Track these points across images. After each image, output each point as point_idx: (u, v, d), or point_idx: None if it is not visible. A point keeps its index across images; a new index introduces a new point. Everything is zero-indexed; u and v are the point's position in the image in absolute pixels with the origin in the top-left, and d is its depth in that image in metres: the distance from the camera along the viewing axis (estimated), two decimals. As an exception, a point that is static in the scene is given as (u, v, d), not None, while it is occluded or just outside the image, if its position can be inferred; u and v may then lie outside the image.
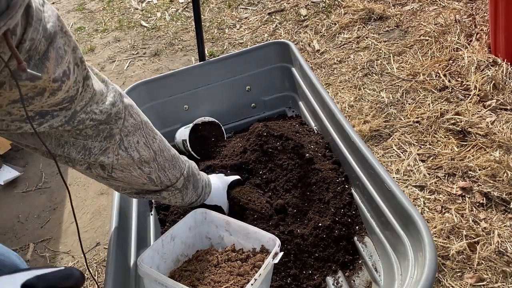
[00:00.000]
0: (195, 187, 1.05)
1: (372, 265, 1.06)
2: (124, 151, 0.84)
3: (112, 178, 0.87)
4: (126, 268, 1.06)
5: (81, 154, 0.79)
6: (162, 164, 0.93)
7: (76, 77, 0.69)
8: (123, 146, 0.83)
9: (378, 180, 1.05)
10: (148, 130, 0.89)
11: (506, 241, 1.45)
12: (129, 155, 0.85)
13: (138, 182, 0.91)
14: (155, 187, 0.95)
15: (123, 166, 0.86)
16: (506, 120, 1.86)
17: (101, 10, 3.84)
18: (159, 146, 0.92)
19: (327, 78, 2.40)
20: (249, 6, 3.33)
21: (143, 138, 0.87)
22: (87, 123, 0.75)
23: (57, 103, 0.68)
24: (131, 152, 0.85)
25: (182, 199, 1.03)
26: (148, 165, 0.89)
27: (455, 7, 2.61)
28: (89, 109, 0.75)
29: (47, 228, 1.95)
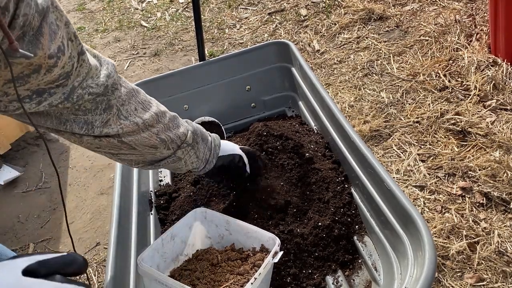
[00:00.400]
0: (204, 140, 1.04)
1: (371, 264, 1.06)
2: (125, 119, 0.84)
3: (124, 145, 0.87)
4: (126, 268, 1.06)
5: (84, 129, 0.79)
6: (166, 124, 0.93)
7: (71, 52, 0.68)
8: (123, 115, 0.84)
9: (378, 179, 1.05)
10: (140, 96, 0.90)
11: (506, 241, 1.45)
12: (132, 122, 0.85)
13: (150, 144, 0.91)
14: (167, 150, 0.95)
15: (130, 132, 0.86)
16: (506, 120, 1.86)
17: (101, 10, 3.84)
18: (158, 108, 0.93)
19: (327, 78, 2.40)
20: (249, 6, 3.33)
21: (139, 104, 0.88)
22: (85, 97, 0.75)
23: (53, 80, 0.68)
24: (133, 119, 0.85)
25: (197, 157, 1.02)
26: (154, 127, 0.90)
27: (455, 7, 2.61)
28: (85, 84, 0.75)
29: (47, 228, 1.95)
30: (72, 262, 0.56)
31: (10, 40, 0.54)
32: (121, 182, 1.25)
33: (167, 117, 0.95)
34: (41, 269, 0.54)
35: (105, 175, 2.17)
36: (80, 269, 0.57)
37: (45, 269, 0.54)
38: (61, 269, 0.55)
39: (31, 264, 0.53)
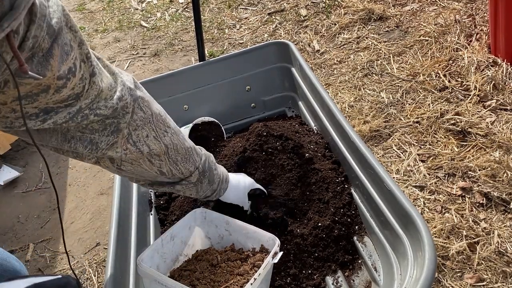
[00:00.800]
0: (211, 182, 1.02)
1: (371, 264, 1.06)
2: (133, 145, 0.82)
3: (122, 170, 0.87)
4: (126, 268, 1.06)
5: (88, 149, 0.78)
6: (173, 158, 0.91)
7: (83, 74, 0.67)
8: (131, 140, 0.82)
9: (377, 180, 1.05)
10: (159, 123, 0.87)
11: (506, 241, 1.45)
12: (138, 149, 0.83)
13: (149, 175, 0.90)
14: (168, 179, 0.94)
15: (132, 159, 0.84)
16: (506, 120, 1.86)
17: (101, 10, 3.84)
18: (171, 139, 0.90)
19: (327, 78, 2.40)
20: (249, 6, 3.33)
21: (153, 132, 0.85)
22: (91, 118, 0.74)
23: (62, 100, 0.67)
24: (140, 146, 0.83)
25: (197, 192, 1.01)
26: (159, 158, 0.88)
27: (455, 7, 2.61)
28: (95, 105, 0.74)
29: (47, 228, 1.95)
30: (66, 285, 0.59)
31: (20, 63, 0.53)
32: (121, 183, 1.25)
33: (176, 151, 0.91)
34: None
35: (105, 175, 2.16)
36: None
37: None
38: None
39: (28, 286, 0.56)
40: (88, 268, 1.72)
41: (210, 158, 1.03)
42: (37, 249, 1.86)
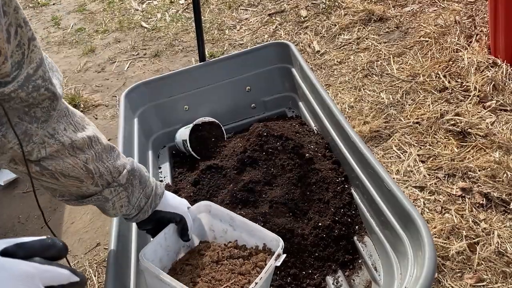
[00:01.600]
0: (143, 184, 0.92)
1: (371, 264, 1.06)
2: (51, 137, 0.75)
3: (45, 171, 0.78)
4: (126, 268, 1.06)
5: (17, 141, 0.69)
6: (99, 153, 0.84)
7: (20, 39, 0.63)
8: (48, 133, 0.75)
9: (378, 180, 1.05)
10: (76, 119, 0.81)
11: (506, 241, 1.45)
12: (58, 141, 0.76)
13: (74, 174, 0.81)
14: (95, 187, 0.85)
15: (53, 154, 0.77)
16: (506, 121, 1.87)
17: (101, 11, 3.84)
18: (94, 133, 0.83)
19: (327, 79, 2.41)
20: (249, 7, 3.33)
21: (71, 125, 0.79)
22: (41, 92, 0.68)
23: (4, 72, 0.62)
24: (60, 138, 0.76)
25: (128, 200, 0.90)
26: (83, 152, 0.80)
27: (455, 8, 2.61)
28: (47, 75, 0.68)
29: (47, 229, 1.95)
30: (51, 246, 0.54)
31: None
32: (122, 183, 1.25)
33: (101, 145, 0.84)
34: (19, 251, 0.51)
35: (105, 175, 2.17)
36: (59, 253, 0.54)
37: (23, 251, 0.52)
38: (40, 253, 0.53)
39: (9, 246, 0.51)
40: (88, 268, 1.72)
41: (137, 163, 0.95)
42: (38, 250, 1.86)
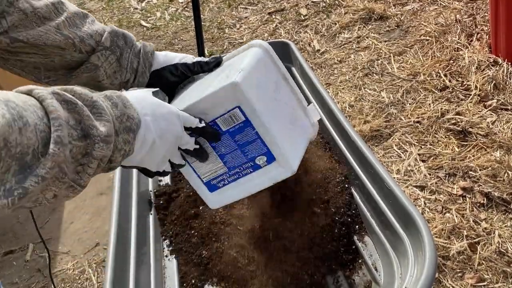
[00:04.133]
0: (129, 44, 0.87)
1: (372, 264, 1.06)
2: (10, 6, 0.72)
3: (18, 43, 0.73)
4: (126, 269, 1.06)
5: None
6: (71, 19, 0.80)
7: None
8: (7, 1, 0.72)
9: (378, 179, 1.05)
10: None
11: (506, 241, 1.44)
12: (18, 9, 0.72)
13: (51, 42, 0.76)
14: (79, 53, 0.79)
15: (19, 25, 0.73)
16: (506, 120, 1.86)
17: (100, 10, 3.84)
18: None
19: (328, 78, 2.40)
20: (249, 5, 3.33)
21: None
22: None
23: None
24: (19, 5, 0.73)
25: (119, 64, 0.84)
26: (51, 20, 0.76)
27: (456, 7, 2.61)
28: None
29: (46, 228, 1.95)
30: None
31: None
32: (121, 182, 1.24)
33: (70, 10, 0.79)
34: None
35: (104, 175, 2.16)
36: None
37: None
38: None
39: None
40: (87, 268, 1.72)
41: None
42: (37, 249, 1.86)
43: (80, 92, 0.55)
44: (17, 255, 1.84)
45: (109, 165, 0.58)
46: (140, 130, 0.61)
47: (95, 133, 0.52)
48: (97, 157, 0.53)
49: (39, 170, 0.46)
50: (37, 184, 0.46)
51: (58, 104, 0.50)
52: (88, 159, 0.52)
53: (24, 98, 0.48)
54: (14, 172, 0.45)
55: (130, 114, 0.60)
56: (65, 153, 0.48)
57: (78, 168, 0.52)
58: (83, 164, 0.52)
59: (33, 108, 0.48)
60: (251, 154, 0.78)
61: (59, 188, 0.50)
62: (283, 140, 0.77)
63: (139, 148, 0.62)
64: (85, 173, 0.53)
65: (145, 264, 1.10)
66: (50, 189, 0.49)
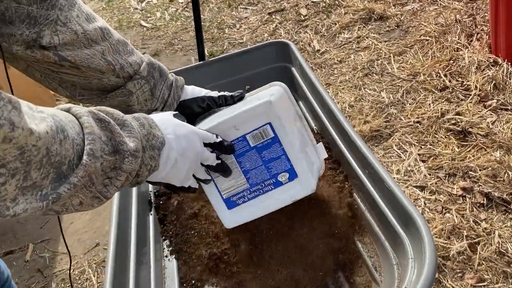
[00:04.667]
0: (163, 77, 0.92)
1: (372, 264, 1.06)
2: (63, 26, 0.75)
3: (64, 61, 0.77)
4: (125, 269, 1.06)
5: (25, 24, 0.71)
6: (114, 45, 0.83)
7: None
8: (60, 21, 0.76)
9: (378, 179, 1.05)
10: (86, 8, 0.82)
11: (506, 241, 1.44)
12: (70, 30, 0.76)
13: (94, 65, 0.79)
14: (117, 78, 0.84)
15: (68, 44, 0.77)
16: (506, 120, 1.86)
17: (100, 10, 3.84)
18: (105, 25, 0.84)
19: (327, 78, 2.40)
20: (249, 6, 3.33)
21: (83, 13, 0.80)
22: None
23: None
24: (72, 26, 0.76)
25: (152, 93, 0.89)
26: (98, 44, 0.81)
27: (456, 7, 2.61)
28: None
29: (46, 229, 1.95)
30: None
31: None
32: (121, 182, 1.24)
33: (114, 37, 0.84)
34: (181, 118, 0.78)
35: (104, 175, 2.16)
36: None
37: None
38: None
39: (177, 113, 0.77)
40: (87, 269, 1.72)
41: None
42: (37, 250, 1.86)
43: (113, 112, 0.62)
44: (17, 255, 1.84)
45: (137, 179, 0.65)
46: (164, 148, 0.68)
47: (125, 148, 0.59)
48: (126, 170, 0.59)
49: (72, 178, 0.52)
50: (69, 191, 0.51)
51: (93, 121, 0.56)
52: (117, 172, 0.58)
53: (65, 114, 0.54)
54: (52, 179, 0.50)
55: (156, 134, 0.67)
56: (95, 165, 0.54)
57: (106, 181, 0.58)
58: (111, 177, 0.58)
59: (72, 124, 0.54)
60: (274, 171, 0.84)
61: (85, 196, 0.56)
62: (303, 159, 0.83)
63: (163, 164, 0.68)
64: (112, 185, 0.59)
65: (145, 264, 1.11)
66: (77, 195, 0.55)
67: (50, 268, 1.77)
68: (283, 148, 0.81)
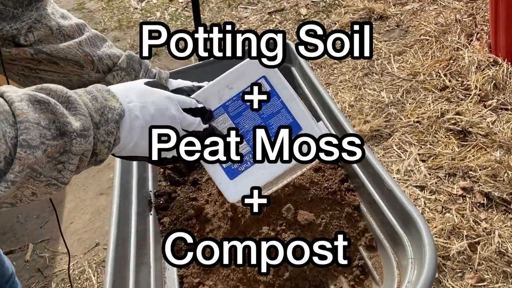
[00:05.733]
0: (144, 68, 0.92)
1: (372, 264, 1.05)
2: (37, 22, 0.78)
3: (40, 54, 0.78)
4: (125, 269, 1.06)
5: (10, 26, 0.73)
6: (92, 38, 0.84)
7: None
8: (36, 19, 0.78)
9: (378, 179, 1.05)
10: (62, 11, 0.85)
11: (506, 241, 1.44)
12: (45, 26, 0.79)
13: (72, 58, 0.81)
14: (96, 73, 0.84)
15: (44, 39, 0.78)
16: (506, 120, 1.86)
17: (100, 10, 3.83)
18: (82, 22, 0.86)
19: (327, 78, 2.40)
20: (249, 5, 3.32)
21: (58, 11, 0.83)
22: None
23: None
24: (47, 22, 0.79)
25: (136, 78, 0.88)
26: (74, 38, 0.81)
27: (456, 7, 2.61)
28: None
29: (46, 228, 1.95)
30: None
31: None
32: (120, 182, 1.24)
33: (92, 32, 0.84)
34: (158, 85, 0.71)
35: (104, 175, 2.16)
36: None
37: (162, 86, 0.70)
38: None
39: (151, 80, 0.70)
40: (87, 269, 1.72)
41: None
42: (37, 249, 1.86)
43: (56, 89, 0.55)
44: (17, 255, 1.84)
45: (96, 158, 0.59)
46: (124, 119, 0.61)
47: (70, 129, 0.52)
48: (77, 153, 0.53)
49: (8, 175, 0.47)
50: (8, 189, 0.47)
51: (28, 105, 0.50)
52: (68, 155, 0.53)
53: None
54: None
55: (112, 105, 0.60)
56: (35, 155, 0.49)
57: (59, 166, 0.52)
58: (63, 161, 0.53)
59: (4, 115, 0.48)
60: (276, 127, 0.75)
61: (36, 186, 0.51)
62: (305, 110, 0.75)
63: (126, 136, 0.62)
64: (66, 170, 0.53)
65: (145, 264, 1.10)
66: (26, 187, 0.50)
67: (50, 268, 1.77)
68: (282, 100, 0.73)
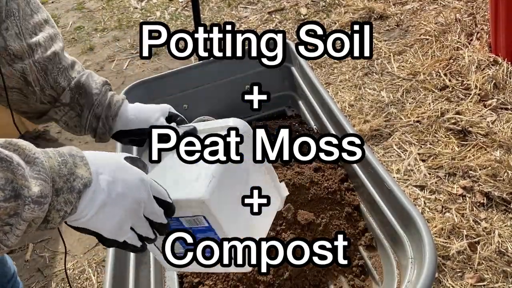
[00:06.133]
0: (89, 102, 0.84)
1: (372, 264, 1.06)
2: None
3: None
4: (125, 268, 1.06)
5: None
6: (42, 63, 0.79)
7: None
8: None
9: (378, 179, 1.05)
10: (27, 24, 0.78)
11: (506, 241, 1.44)
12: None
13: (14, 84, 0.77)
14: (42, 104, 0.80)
15: None
16: (506, 119, 1.86)
17: (100, 9, 3.83)
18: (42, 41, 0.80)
19: (327, 77, 2.40)
20: (248, 5, 3.32)
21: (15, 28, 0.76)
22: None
23: None
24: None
25: (79, 121, 0.83)
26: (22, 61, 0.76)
27: (456, 6, 2.60)
28: None
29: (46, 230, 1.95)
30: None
31: None
32: (120, 182, 1.24)
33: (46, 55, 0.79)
34: (138, 163, 0.66)
35: (104, 174, 2.16)
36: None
37: (141, 163, 0.67)
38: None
39: (132, 156, 0.67)
40: (87, 268, 1.72)
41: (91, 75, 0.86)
42: (37, 249, 1.86)
43: (25, 147, 0.52)
44: (17, 255, 1.84)
45: (46, 225, 0.56)
46: (87, 190, 0.57)
47: (26, 194, 0.50)
48: (27, 219, 0.51)
49: None
50: None
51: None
52: (17, 219, 0.50)
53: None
54: None
55: (79, 174, 0.57)
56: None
57: (6, 228, 0.50)
58: (11, 224, 0.50)
59: None
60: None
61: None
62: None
63: (83, 208, 0.58)
64: (12, 234, 0.50)
65: (145, 264, 1.11)
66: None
67: (50, 268, 1.77)
68: (218, 236, 0.73)
